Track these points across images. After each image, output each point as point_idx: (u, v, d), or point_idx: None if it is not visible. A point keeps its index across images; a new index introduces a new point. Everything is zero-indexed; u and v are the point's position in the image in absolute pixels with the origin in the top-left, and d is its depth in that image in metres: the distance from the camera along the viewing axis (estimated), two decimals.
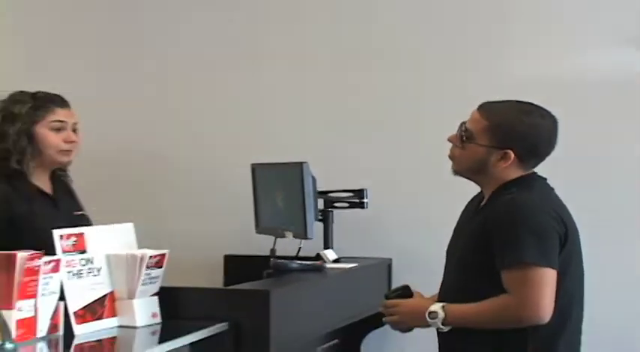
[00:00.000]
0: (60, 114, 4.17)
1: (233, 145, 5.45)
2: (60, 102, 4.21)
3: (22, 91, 4.20)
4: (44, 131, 4.12)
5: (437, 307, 3.43)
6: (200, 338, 3.58)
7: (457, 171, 3.61)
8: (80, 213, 4.27)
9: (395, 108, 5.28)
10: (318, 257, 4.80)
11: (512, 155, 3.45)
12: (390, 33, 5.33)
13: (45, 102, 4.17)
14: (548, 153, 3.54)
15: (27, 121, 4.10)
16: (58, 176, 4.31)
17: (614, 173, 4.97)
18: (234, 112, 5.54)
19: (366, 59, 5.36)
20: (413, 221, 5.15)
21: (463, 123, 3.55)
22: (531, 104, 3.55)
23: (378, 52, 5.35)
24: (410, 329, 3.66)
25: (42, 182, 4.19)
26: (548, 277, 3.32)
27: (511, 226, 3.36)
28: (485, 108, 3.53)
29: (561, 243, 3.41)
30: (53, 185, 4.25)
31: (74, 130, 4.22)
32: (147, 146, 5.53)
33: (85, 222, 4.13)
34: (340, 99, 5.38)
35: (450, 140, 3.59)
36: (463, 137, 3.53)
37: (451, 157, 3.60)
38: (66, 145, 4.16)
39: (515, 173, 3.50)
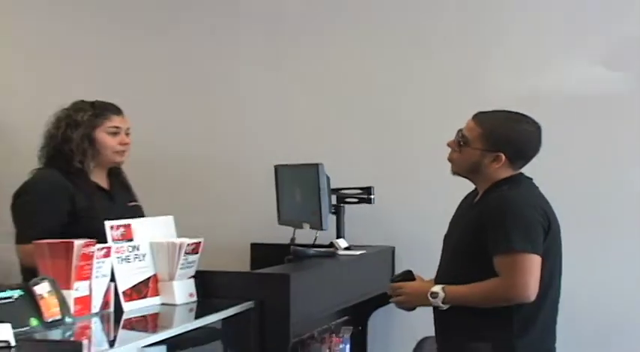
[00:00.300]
0: (115, 120, 4.19)
1: (258, 148, 5.41)
2: (115, 110, 4.23)
3: (82, 101, 4.22)
4: (102, 135, 4.14)
5: (438, 288, 3.47)
6: (230, 314, 3.65)
7: (455, 172, 3.64)
8: (133, 203, 4.29)
9: (399, 116, 5.24)
10: (332, 245, 4.78)
11: (503, 157, 3.48)
12: (394, 51, 5.28)
13: (103, 110, 4.19)
14: (533, 156, 3.57)
15: (88, 127, 4.12)
16: (114, 172, 4.31)
17: (587, 173, 4.92)
18: (260, 119, 5.50)
19: (375, 74, 5.31)
20: (413, 214, 5.10)
21: (460, 131, 3.57)
22: (519, 113, 3.58)
23: (386, 71, 5.30)
24: (413, 308, 3.69)
25: (100, 179, 4.21)
26: (534, 262, 3.36)
27: (502, 218, 3.40)
28: (480, 117, 3.56)
29: (544, 233, 3.43)
30: (110, 181, 4.27)
31: (127, 134, 4.24)
32: (189, 150, 5.48)
33: (138, 211, 4.21)
34: (351, 108, 5.34)
35: (449, 145, 3.61)
36: (460, 142, 3.56)
37: (450, 160, 3.63)
38: (120, 147, 4.19)
39: (505, 173, 3.52)
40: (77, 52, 5.80)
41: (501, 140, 3.51)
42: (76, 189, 4.07)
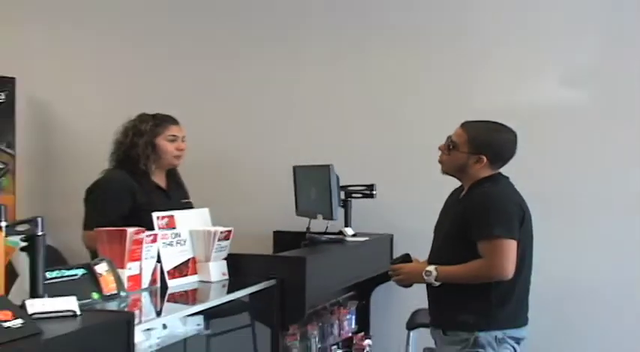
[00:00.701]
0: (173, 129, 4.22)
1: (280, 152, 5.40)
2: (173, 121, 4.26)
3: (145, 113, 4.23)
4: (163, 142, 4.17)
5: (431, 268, 3.48)
6: (256, 290, 3.68)
7: (445, 172, 3.65)
8: (186, 200, 4.28)
9: (398, 124, 5.24)
10: (340, 233, 4.80)
11: (485, 159, 3.50)
12: (397, 71, 5.29)
13: (162, 121, 4.21)
14: (510, 158, 3.58)
15: (150, 135, 4.14)
16: (172, 173, 4.33)
17: (554, 172, 4.95)
18: (282, 128, 5.51)
19: (378, 90, 5.32)
20: (408, 207, 5.10)
21: (449, 137, 3.59)
22: (499, 123, 3.59)
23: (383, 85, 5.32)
24: (410, 285, 3.68)
25: (159, 179, 4.23)
26: (511, 246, 3.37)
27: (485, 210, 3.44)
28: (466, 126, 3.58)
29: (520, 223, 3.44)
30: (167, 181, 4.28)
31: (183, 141, 4.25)
32: (223, 155, 5.49)
33: (190, 207, 4.15)
34: (357, 118, 5.34)
35: (440, 148, 3.62)
36: (449, 146, 3.57)
37: (440, 161, 3.64)
38: (178, 152, 4.22)
39: (486, 172, 3.54)
40: (138, 71, 5.82)
41: (484, 145, 3.53)
42: (139, 187, 4.09)
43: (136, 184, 4.09)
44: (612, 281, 4.90)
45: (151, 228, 3.49)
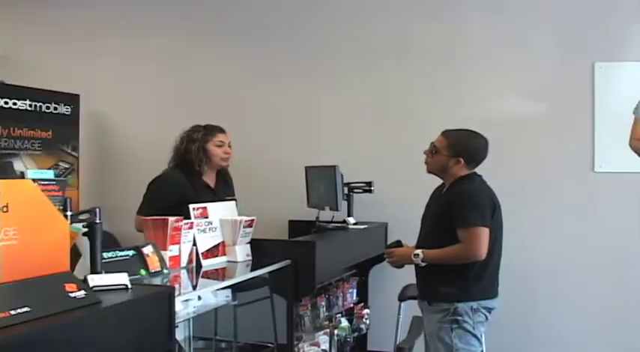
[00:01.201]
0: (220, 136, 4.20)
1: (295, 153, 5.39)
2: (219, 129, 4.24)
3: (197, 125, 4.21)
4: (212, 147, 4.15)
5: (419, 251, 3.49)
6: (274, 269, 3.70)
7: (430, 172, 3.65)
8: (231, 198, 4.14)
9: (391, 130, 5.24)
10: (344, 221, 4.82)
11: (463, 161, 3.51)
12: (387, 86, 5.29)
13: (211, 130, 4.20)
14: (483, 160, 3.57)
15: (202, 142, 4.13)
16: (222, 173, 4.30)
17: (520, 173, 4.97)
18: (296, 133, 5.50)
19: (376, 102, 5.32)
20: (400, 200, 5.09)
21: (432, 142, 3.59)
22: (473, 131, 3.59)
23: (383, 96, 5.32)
24: (402, 266, 3.67)
25: (210, 179, 4.20)
26: (485, 232, 3.38)
27: (463, 203, 3.44)
28: (446, 133, 3.58)
29: (492, 213, 3.45)
30: (217, 180, 4.25)
31: (229, 146, 4.23)
32: (250, 157, 5.27)
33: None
34: (357, 126, 5.34)
35: (425, 153, 3.62)
36: (432, 150, 3.58)
37: (425, 163, 3.64)
38: (225, 155, 4.20)
39: (463, 172, 3.54)
40: (184, 85, 5.80)
41: (461, 149, 3.53)
42: (190, 185, 4.06)
43: (188, 183, 4.07)
44: (566, 260, 4.94)
45: None
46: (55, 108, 5.55)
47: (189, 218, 3.50)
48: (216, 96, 5.67)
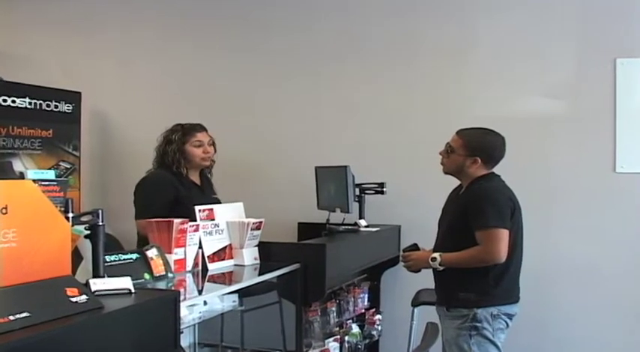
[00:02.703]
0: (199, 136, 4.23)
1: (304, 152, 5.40)
2: (199, 128, 4.27)
3: (177, 124, 4.26)
4: (190, 148, 4.20)
5: (436, 255, 3.51)
6: (283, 273, 3.68)
7: (446, 172, 3.66)
8: (215, 196, 4.31)
9: (406, 130, 5.22)
10: (355, 224, 4.78)
11: (479, 160, 3.52)
12: (399, 83, 5.27)
13: (190, 130, 4.24)
14: (500, 159, 3.59)
15: (179, 143, 4.18)
16: (204, 173, 4.36)
17: (539, 173, 4.93)
18: (306, 133, 5.49)
19: (388, 100, 5.29)
20: (414, 202, 5.07)
21: (448, 143, 3.61)
22: (488, 129, 3.60)
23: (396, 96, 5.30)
24: (418, 271, 3.70)
25: (195, 177, 4.27)
26: (504, 234, 3.38)
27: (481, 204, 3.44)
28: (461, 133, 3.60)
29: (511, 214, 3.45)
30: (201, 179, 4.31)
31: (210, 145, 4.26)
32: (256, 156, 5.50)
33: (218, 202, 4.13)
34: (369, 124, 5.32)
35: (440, 153, 3.64)
36: (448, 151, 3.59)
37: (442, 164, 3.65)
38: (204, 155, 4.24)
39: (481, 172, 3.55)
40: (183, 86, 5.83)
41: (477, 148, 3.54)
42: (179, 183, 4.13)
43: (176, 181, 4.13)
44: (587, 262, 4.90)
45: (192, 217, 3.49)
46: (56, 107, 5.56)
47: (191, 217, 3.50)
48: (223, 95, 5.69)
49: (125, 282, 2.45)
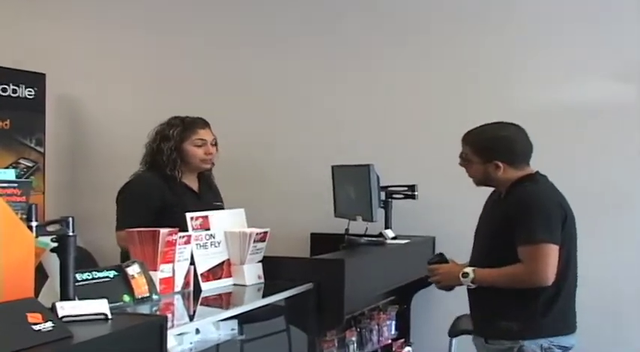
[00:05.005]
0: (201, 133, 4.25)
1: (318, 149, 5.45)
2: (202, 124, 4.29)
3: (175, 117, 4.29)
4: (190, 147, 4.22)
5: (469, 269, 3.50)
6: (292, 294, 3.68)
7: (476, 184, 3.66)
8: (218, 203, 4.32)
9: (440, 124, 5.23)
10: (381, 235, 4.79)
11: (501, 163, 3.49)
12: (433, 66, 5.33)
13: (190, 125, 4.26)
14: (526, 152, 3.57)
15: (177, 141, 4.20)
16: (204, 176, 4.38)
17: (599, 173, 4.92)
18: (319, 127, 5.53)
19: (422, 89, 5.33)
20: (451, 209, 5.09)
21: (461, 152, 3.62)
22: (493, 123, 3.61)
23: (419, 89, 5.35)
24: (451, 289, 3.69)
25: (190, 181, 4.29)
26: (552, 251, 3.36)
27: (525, 212, 3.42)
28: (465, 139, 3.63)
29: (562, 224, 3.43)
30: (199, 183, 4.34)
31: (212, 144, 4.28)
32: (260, 155, 5.56)
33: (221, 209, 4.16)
34: (397, 114, 5.35)
35: (460, 165, 3.66)
36: (465, 161, 3.61)
37: (469, 176, 3.66)
38: (205, 156, 4.26)
39: (515, 173, 3.53)
40: (172, 70, 5.87)
41: (489, 150, 3.54)
42: (168, 189, 4.17)
43: (165, 186, 4.17)
44: None
45: (182, 227, 3.49)
46: (14, 91, 5.59)
47: (181, 227, 3.50)
48: (216, 80, 5.74)
49: (100, 306, 2.44)
